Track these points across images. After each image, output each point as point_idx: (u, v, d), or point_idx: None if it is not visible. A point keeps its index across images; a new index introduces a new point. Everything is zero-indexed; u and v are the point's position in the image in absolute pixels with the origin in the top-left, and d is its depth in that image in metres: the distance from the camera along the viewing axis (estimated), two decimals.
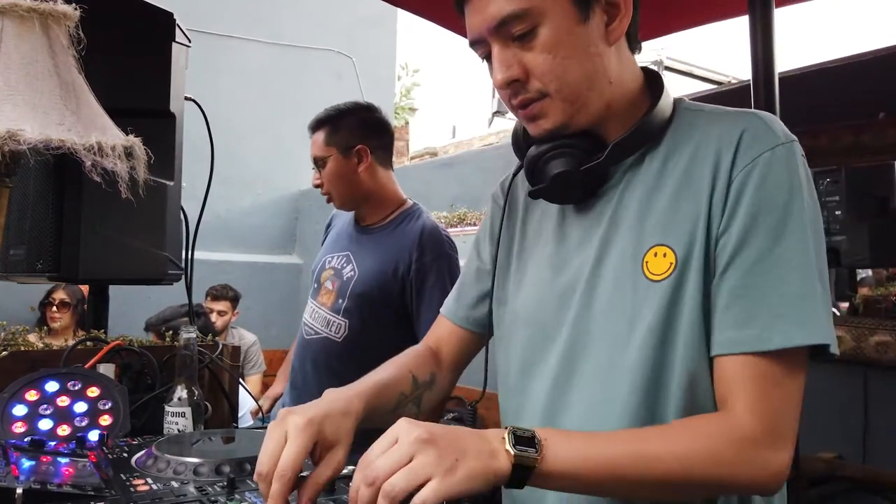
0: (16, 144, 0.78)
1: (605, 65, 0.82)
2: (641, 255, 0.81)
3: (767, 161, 0.76)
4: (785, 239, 0.75)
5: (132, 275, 1.43)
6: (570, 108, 0.82)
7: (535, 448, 0.68)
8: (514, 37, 0.80)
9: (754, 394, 0.73)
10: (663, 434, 0.74)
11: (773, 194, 0.76)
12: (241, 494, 0.84)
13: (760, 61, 1.32)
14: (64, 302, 3.70)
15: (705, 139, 0.81)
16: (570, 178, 0.84)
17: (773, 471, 0.73)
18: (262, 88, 5.49)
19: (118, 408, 1.17)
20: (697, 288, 0.77)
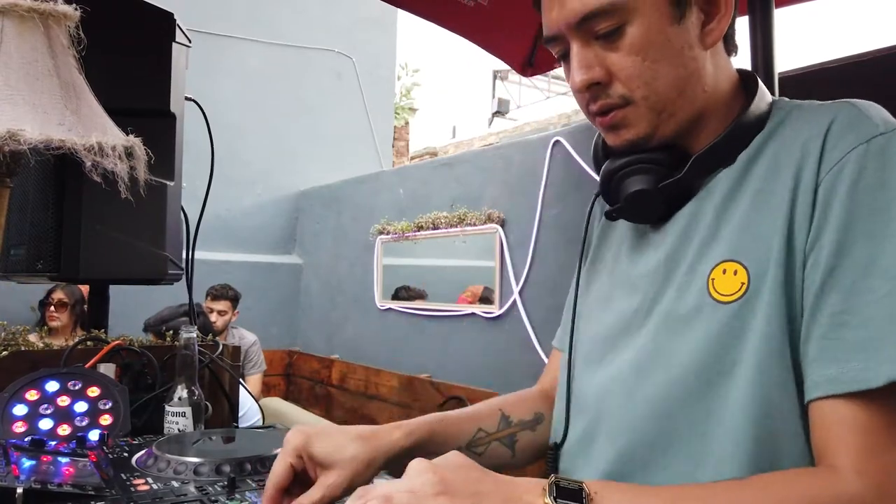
0: (16, 144, 0.78)
1: (699, 70, 0.73)
2: (708, 272, 0.69)
3: (861, 156, 0.63)
4: (889, 248, 0.60)
5: (132, 275, 1.43)
6: (657, 117, 0.73)
7: (582, 502, 0.57)
8: (598, 35, 0.71)
9: (863, 447, 0.58)
10: (748, 490, 0.59)
11: (871, 195, 0.62)
12: (241, 494, 0.84)
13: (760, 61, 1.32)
14: (62, 302, 3.70)
15: (791, 137, 0.70)
16: (648, 198, 0.75)
17: None
18: (262, 88, 5.49)
19: (118, 407, 1.17)
20: (770, 313, 0.64)
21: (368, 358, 4.37)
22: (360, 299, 4.55)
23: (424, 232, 3.92)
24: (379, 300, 4.35)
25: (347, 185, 4.97)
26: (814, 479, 0.60)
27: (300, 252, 5.54)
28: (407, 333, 4.05)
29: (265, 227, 5.47)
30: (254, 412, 2.51)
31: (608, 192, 0.79)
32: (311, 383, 4.94)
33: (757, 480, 0.61)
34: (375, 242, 4.38)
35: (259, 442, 1.10)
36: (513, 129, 10.41)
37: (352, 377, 4.47)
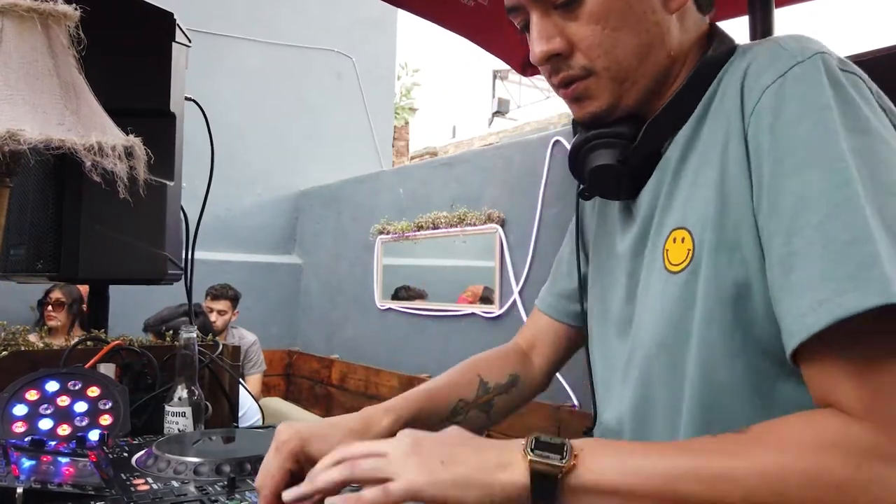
0: (16, 144, 0.78)
1: (662, 35, 0.69)
2: (662, 243, 0.68)
3: (777, 91, 0.60)
4: (815, 176, 0.56)
5: (132, 275, 1.43)
6: (619, 87, 0.70)
7: (563, 456, 0.54)
8: (557, 4, 0.68)
9: (859, 388, 0.52)
10: (747, 443, 0.54)
11: (792, 127, 0.58)
12: (241, 494, 0.84)
13: None
14: (59, 301, 3.70)
15: (726, 84, 0.67)
16: (611, 172, 0.72)
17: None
18: (262, 88, 5.49)
19: (118, 407, 1.17)
20: (709, 278, 0.62)
21: (368, 358, 4.37)
22: (360, 299, 4.55)
23: (424, 232, 3.92)
24: (379, 300, 4.35)
25: (347, 185, 4.97)
26: (815, 421, 0.54)
27: (300, 252, 5.54)
28: (407, 333, 4.05)
29: (265, 227, 5.47)
30: (254, 412, 2.52)
31: (575, 170, 0.77)
32: (311, 383, 4.94)
33: (760, 430, 0.55)
34: (375, 242, 4.38)
35: (259, 442, 1.10)
36: (513, 128, 10.41)
37: (352, 377, 4.47)
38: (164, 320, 2.98)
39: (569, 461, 0.54)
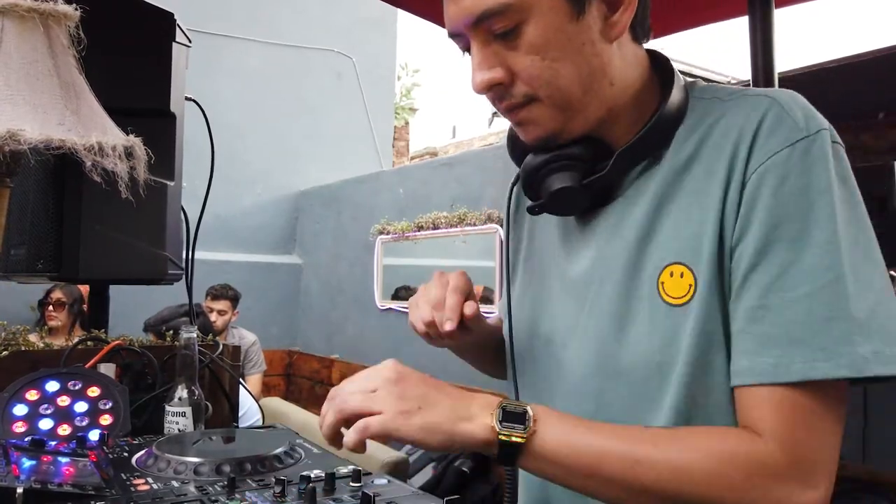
0: (16, 144, 0.78)
1: (604, 65, 0.71)
2: (657, 275, 0.70)
3: (786, 159, 0.64)
4: (809, 252, 0.62)
5: (132, 275, 1.43)
6: (562, 115, 0.72)
7: (525, 426, 0.64)
8: (496, 34, 0.69)
9: (779, 423, 0.61)
10: (669, 439, 0.64)
11: (795, 198, 0.63)
12: (241, 494, 0.84)
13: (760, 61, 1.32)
14: (60, 301, 3.71)
15: (720, 134, 0.70)
16: (573, 194, 0.75)
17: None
18: (262, 88, 5.49)
19: (118, 407, 1.17)
20: (708, 312, 0.67)
21: (368, 358, 4.38)
22: (360, 299, 4.55)
23: (424, 232, 3.92)
24: (379, 300, 4.35)
25: (347, 185, 4.97)
26: (733, 435, 0.64)
27: (300, 252, 5.54)
28: (407, 333, 4.03)
29: (265, 227, 5.48)
30: (254, 412, 2.52)
31: (530, 188, 0.79)
32: (311, 383, 4.94)
33: (688, 431, 0.66)
34: (375, 242, 4.39)
35: (259, 442, 1.10)
36: None
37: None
38: (164, 320, 2.98)
39: (529, 431, 0.64)
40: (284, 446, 1.02)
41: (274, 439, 1.10)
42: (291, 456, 1.01)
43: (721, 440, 0.64)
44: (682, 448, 0.63)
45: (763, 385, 0.62)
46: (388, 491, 0.88)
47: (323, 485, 0.87)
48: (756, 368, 0.63)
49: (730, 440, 0.63)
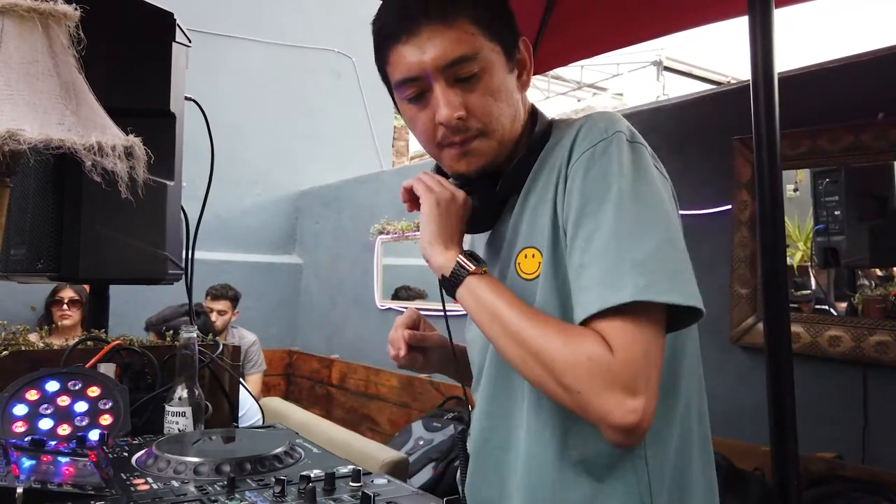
0: (16, 144, 0.78)
1: (519, 108, 0.93)
2: (514, 258, 0.91)
3: (590, 155, 0.84)
4: (605, 220, 0.81)
5: (132, 275, 1.43)
6: (499, 146, 0.91)
7: (478, 265, 0.87)
8: (459, 78, 0.86)
9: (613, 338, 0.77)
10: (547, 323, 0.82)
11: (595, 182, 0.83)
12: (241, 494, 0.84)
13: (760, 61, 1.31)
14: (73, 300, 3.71)
15: (557, 145, 0.91)
16: (479, 216, 0.95)
17: (623, 412, 0.74)
18: (262, 88, 5.48)
19: (118, 407, 1.17)
20: (549, 281, 0.86)
21: (368, 358, 4.37)
22: (360, 299, 4.55)
23: None
24: (379, 300, 4.35)
25: (347, 185, 4.97)
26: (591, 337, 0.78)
27: (300, 252, 5.54)
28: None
29: (265, 227, 5.47)
30: (254, 412, 2.52)
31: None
32: (311, 383, 4.94)
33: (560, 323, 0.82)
34: (375, 242, 4.38)
35: (259, 442, 1.10)
36: None
37: (352, 377, 4.47)
38: (166, 319, 2.98)
39: (481, 269, 0.86)
40: (284, 446, 1.02)
41: (274, 439, 1.10)
42: (291, 456, 1.01)
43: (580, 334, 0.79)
44: (549, 325, 0.81)
45: (592, 318, 0.78)
46: (387, 491, 0.88)
47: (323, 485, 0.87)
48: (579, 309, 0.80)
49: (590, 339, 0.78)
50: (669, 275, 0.78)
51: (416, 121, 0.91)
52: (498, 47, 0.88)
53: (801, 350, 2.04)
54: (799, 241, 2.19)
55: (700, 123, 2.43)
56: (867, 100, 1.98)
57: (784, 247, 1.31)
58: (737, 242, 2.23)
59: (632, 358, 0.75)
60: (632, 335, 0.76)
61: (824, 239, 2.10)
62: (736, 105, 2.24)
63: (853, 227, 2.04)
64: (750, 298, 2.20)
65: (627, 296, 0.76)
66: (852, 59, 2.07)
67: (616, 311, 0.76)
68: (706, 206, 2.29)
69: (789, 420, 1.23)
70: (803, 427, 1.24)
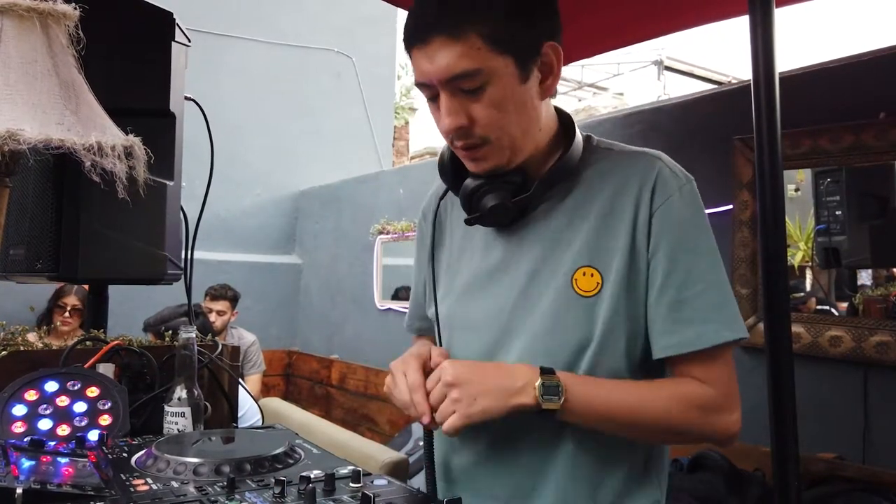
0: (15, 144, 0.78)
1: (537, 116, 0.95)
2: (571, 275, 0.95)
3: (679, 199, 0.94)
4: (702, 261, 0.93)
5: (132, 275, 1.43)
6: (508, 153, 0.94)
7: (559, 395, 0.87)
8: (464, 90, 0.88)
9: (707, 375, 0.93)
10: (652, 388, 0.94)
11: (687, 225, 0.93)
12: (240, 494, 0.84)
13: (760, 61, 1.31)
14: (76, 308, 3.73)
15: (624, 177, 0.96)
16: (504, 209, 0.97)
17: (726, 427, 0.94)
18: (262, 88, 5.48)
19: (118, 408, 1.17)
20: (615, 306, 0.93)
21: (368, 358, 4.37)
22: (360, 299, 4.55)
23: None
24: (379, 300, 4.35)
25: (347, 185, 4.97)
26: (686, 385, 0.94)
27: (300, 252, 5.53)
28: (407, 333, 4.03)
29: (265, 227, 5.47)
30: (253, 412, 2.51)
31: (468, 205, 0.99)
32: (311, 383, 4.94)
33: (658, 384, 0.96)
34: (375, 242, 4.38)
35: (259, 442, 1.10)
36: None
37: (351, 377, 4.47)
38: (164, 320, 2.98)
39: (563, 400, 0.87)
40: (284, 446, 1.02)
41: (273, 439, 1.09)
42: (291, 456, 1.01)
43: (685, 390, 0.93)
44: (661, 394, 0.93)
45: (691, 351, 0.92)
46: (387, 491, 0.88)
47: (323, 485, 0.87)
48: (684, 342, 0.92)
49: (689, 389, 0.93)
50: (738, 312, 0.94)
51: (435, 119, 0.95)
52: (509, 59, 0.88)
53: (801, 350, 2.04)
54: (800, 241, 2.19)
55: (701, 123, 2.43)
56: (868, 99, 1.98)
57: (785, 247, 1.31)
58: (737, 242, 2.23)
59: (726, 387, 0.93)
60: (722, 368, 0.94)
61: (825, 239, 2.10)
62: (737, 105, 2.24)
63: (854, 227, 2.04)
64: (750, 298, 2.20)
65: (729, 335, 0.91)
66: (853, 59, 2.07)
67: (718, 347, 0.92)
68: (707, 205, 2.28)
69: (790, 420, 1.23)
70: (804, 427, 1.23)
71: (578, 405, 0.89)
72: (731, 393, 0.94)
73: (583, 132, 1.02)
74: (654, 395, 0.93)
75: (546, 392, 0.87)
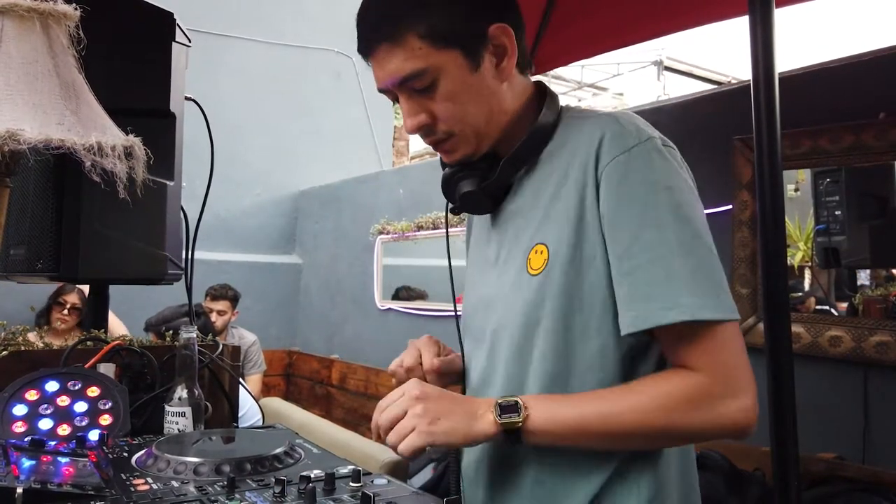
0: (16, 144, 0.78)
1: (499, 100, 0.93)
2: (527, 254, 0.92)
3: (625, 161, 0.84)
4: (653, 227, 0.82)
5: (132, 275, 1.43)
6: (475, 141, 0.93)
7: (518, 412, 0.82)
8: (417, 90, 0.89)
9: (696, 359, 0.82)
10: (627, 392, 0.84)
11: (633, 195, 0.84)
12: (240, 494, 0.84)
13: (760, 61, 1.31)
14: (75, 307, 3.74)
15: (578, 144, 0.91)
16: (475, 196, 0.97)
17: (730, 418, 0.81)
18: (262, 88, 5.48)
19: (118, 407, 1.17)
20: (563, 281, 0.87)
21: (368, 358, 4.37)
22: (360, 299, 4.55)
23: (424, 232, 3.92)
24: (379, 300, 4.35)
25: (347, 185, 4.97)
26: (670, 376, 0.84)
27: (300, 252, 5.53)
28: (407, 333, 4.03)
29: (265, 227, 5.47)
30: (254, 412, 2.51)
31: (448, 195, 1.00)
32: (311, 383, 4.94)
33: (637, 383, 0.85)
34: (375, 242, 4.38)
35: (259, 442, 1.10)
36: None
37: (352, 377, 4.46)
38: (166, 320, 2.98)
39: (523, 416, 0.82)
40: (284, 446, 1.02)
41: (274, 439, 1.10)
42: (291, 456, 1.01)
43: (665, 384, 0.83)
44: (637, 396, 0.82)
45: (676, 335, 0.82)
46: (387, 491, 0.88)
47: (323, 485, 0.87)
48: (637, 319, 0.82)
49: (671, 381, 0.83)
50: (714, 290, 0.81)
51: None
52: (455, 52, 0.88)
53: (801, 350, 2.04)
54: (799, 241, 2.19)
55: (701, 123, 2.43)
56: (868, 100, 1.98)
57: (785, 247, 1.31)
58: (737, 242, 2.23)
59: (724, 371, 0.81)
60: (715, 349, 0.81)
61: (825, 239, 2.10)
62: (736, 105, 2.24)
63: (854, 227, 2.04)
64: (750, 298, 2.20)
65: (677, 316, 0.79)
66: (853, 59, 2.07)
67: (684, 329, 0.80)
68: (707, 205, 2.27)
69: (789, 420, 1.23)
70: (803, 427, 1.23)
71: (542, 421, 0.82)
72: (732, 376, 0.81)
73: (559, 103, 0.98)
74: (629, 398, 0.82)
75: (503, 411, 0.82)
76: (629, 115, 0.90)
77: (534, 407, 0.83)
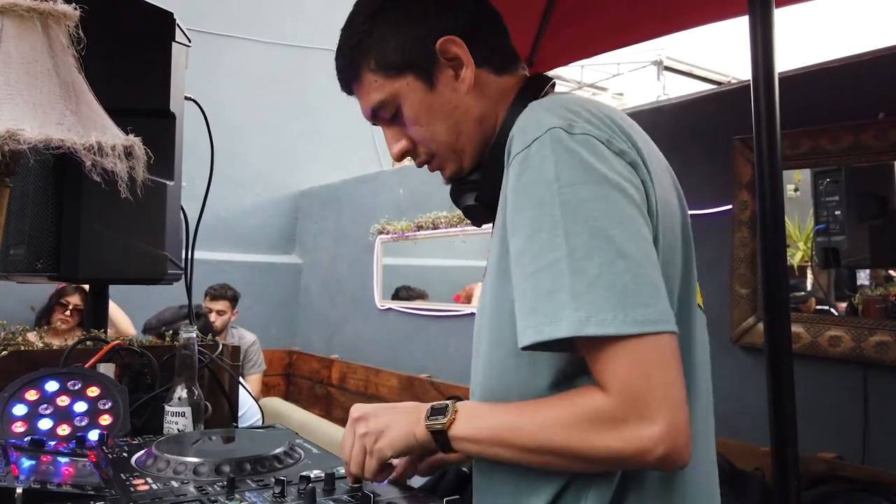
0: (16, 144, 0.78)
1: (464, 111, 0.90)
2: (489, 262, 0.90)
3: (523, 158, 0.76)
4: (537, 237, 0.73)
5: (132, 275, 1.43)
6: (454, 157, 0.93)
7: (445, 415, 0.80)
8: (387, 120, 0.93)
9: (603, 376, 0.71)
10: (538, 407, 0.77)
11: (526, 195, 0.75)
12: (240, 494, 0.84)
13: (760, 61, 1.31)
14: (77, 308, 3.74)
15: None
16: (475, 210, 0.97)
17: (633, 444, 0.68)
18: (263, 88, 5.48)
19: (118, 407, 1.17)
20: (496, 291, 0.83)
21: (368, 358, 4.37)
22: (360, 299, 4.55)
23: (424, 232, 3.92)
24: (379, 300, 4.35)
25: (347, 185, 4.97)
26: (580, 393, 0.74)
27: (300, 252, 5.53)
28: (407, 333, 4.04)
29: (265, 227, 5.47)
30: (253, 412, 2.52)
31: (458, 207, 1.01)
32: (311, 383, 4.94)
33: (555, 397, 0.78)
34: (375, 242, 4.38)
35: (259, 442, 1.10)
36: None
37: (352, 377, 4.47)
38: (165, 322, 2.97)
39: (449, 420, 0.80)
40: (284, 446, 1.02)
41: (273, 439, 1.09)
42: (291, 456, 1.01)
43: (571, 401, 0.74)
44: (546, 412, 0.75)
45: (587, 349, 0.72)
46: (387, 491, 0.88)
47: (322, 485, 0.87)
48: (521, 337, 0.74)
49: (577, 399, 0.74)
50: (617, 300, 0.69)
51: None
52: (410, 76, 0.89)
53: (801, 350, 2.04)
54: (799, 241, 2.19)
55: (700, 123, 2.43)
56: (868, 100, 1.98)
57: (784, 247, 1.31)
58: (737, 242, 2.23)
59: (630, 391, 0.69)
60: (621, 367, 0.69)
61: (825, 239, 2.10)
62: (736, 105, 2.24)
63: (853, 227, 2.04)
64: (750, 298, 2.20)
65: (554, 332, 0.69)
66: (853, 59, 2.07)
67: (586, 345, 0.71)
68: (706, 206, 2.29)
69: (789, 420, 1.23)
70: (803, 427, 1.24)
71: (464, 427, 0.79)
72: (641, 398, 0.68)
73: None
74: (540, 413, 0.75)
75: (433, 413, 0.81)
76: (546, 102, 0.81)
77: (462, 411, 0.80)
